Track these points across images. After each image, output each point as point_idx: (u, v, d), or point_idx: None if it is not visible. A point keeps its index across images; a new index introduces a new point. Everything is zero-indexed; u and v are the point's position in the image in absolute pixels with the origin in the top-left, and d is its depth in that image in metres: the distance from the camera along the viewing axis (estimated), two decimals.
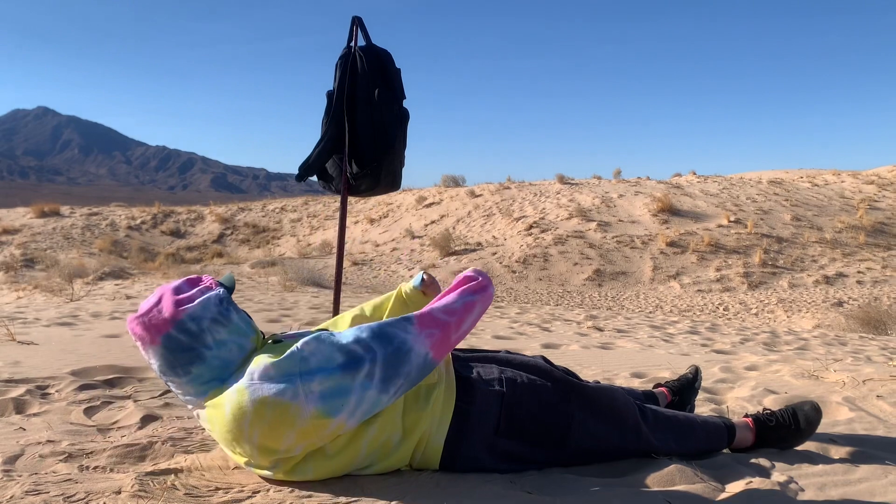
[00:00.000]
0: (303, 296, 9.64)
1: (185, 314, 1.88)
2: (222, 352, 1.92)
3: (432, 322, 1.97)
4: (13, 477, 1.99)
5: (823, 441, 2.63)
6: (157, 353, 1.90)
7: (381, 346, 1.88)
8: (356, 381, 1.84)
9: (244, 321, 1.99)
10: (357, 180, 3.62)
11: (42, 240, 23.66)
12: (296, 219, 28.55)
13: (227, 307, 1.95)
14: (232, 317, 1.95)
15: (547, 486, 2.03)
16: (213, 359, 1.91)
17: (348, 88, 3.55)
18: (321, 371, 1.84)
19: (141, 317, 1.89)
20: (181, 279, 1.99)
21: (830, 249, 18.35)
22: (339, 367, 1.85)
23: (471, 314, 2.06)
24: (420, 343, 1.93)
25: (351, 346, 1.88)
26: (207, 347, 1.90)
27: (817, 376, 4.05)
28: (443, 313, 2.01)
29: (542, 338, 6.37)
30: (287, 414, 1.82)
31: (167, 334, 1.87)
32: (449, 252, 19.23)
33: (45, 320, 6.44)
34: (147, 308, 1.90)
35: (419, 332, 1.94)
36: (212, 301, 1.92)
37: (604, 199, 22.55)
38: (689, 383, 2.95)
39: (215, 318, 1.91)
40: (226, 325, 1.93)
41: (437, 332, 1.96)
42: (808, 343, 7.13)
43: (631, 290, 15.87)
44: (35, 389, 3.22)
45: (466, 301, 2.06)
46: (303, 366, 1.84)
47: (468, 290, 2.09)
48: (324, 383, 1.83)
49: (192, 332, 1.88)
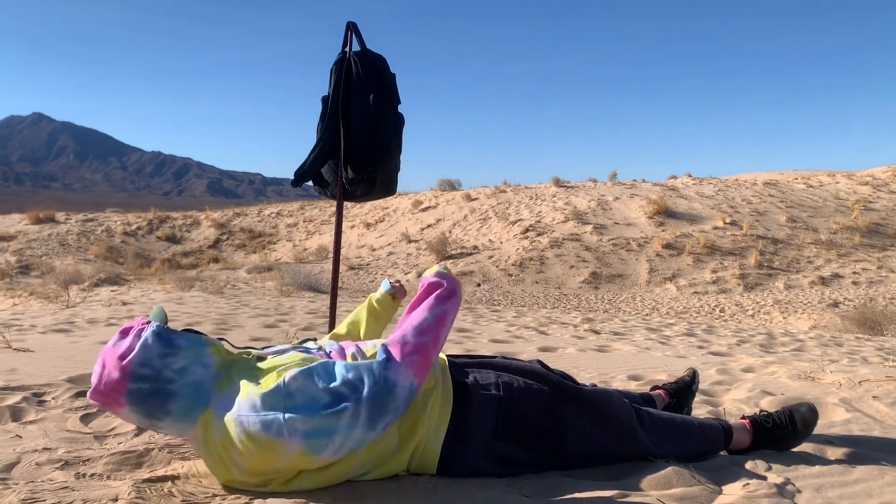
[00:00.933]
0: (299, 301, 9.63)
1: (132, 365, 1.89)
2: (188, 377, 1.93)
3: (410, 349, 1.96)
4: (9, 485, 1.98)
5: (820, 442, 2.64)
6: (130, 412, 1.91)
7: (367, 386, 1.86)
8: (341, 422, 1.84)
9: (191, 340, 1.98)
10: (353, 185, 3.62)
11: (38, 246, 23.59)
12: (292, 224, 28.52)
13: (167, 337, 1.94)
14: (177, 343, 1.95)
15: (544, 489, 2.03)
16: (183, 388, 1.92)
17: (343, 94, 3.55)
18: (306, 409, 1.83)
19: (96, 388, 1.91)
20: (115, 334, 1.99)
21: (826, 250, 18.40)
22: (323, 406, 1.83)
23: (444, 326, 2.06)
24: (403, 375, 1.92)
25: (336, 387, 1.85)
26: (171, 382, 1.91)
27: (814, 378, 4.06)
28: (418, 335, 1.99)
29: (538, 341, 6.37)
30: (272, 449, 1.84)
31: (128, 391, 1.88)
32: (445, 256, 19.23)
33: (41, 327, 6.43)
34: (98, 377, 1.91)
35: (400, 362, 1.92)
36: (150, 339, 1.92)
37: (599, 202, 22.58)
38: (686, 386, 2.95)
39: (161, 353, 1.92)
40: (176, 354, 1.93)
41: (416, 358, 1.95)
42: (804, 344, 7.14)
43: (627, 292, 15.89)
44: (31, 397, 3.21)
45: (437, 314, 2.05)
46: (288, 401, 1.84)
47: (437, 300, 2.08)
48: (308, 423, 1.82)
49: (148, 377, 1.89)
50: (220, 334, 6.09)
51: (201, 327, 6.45)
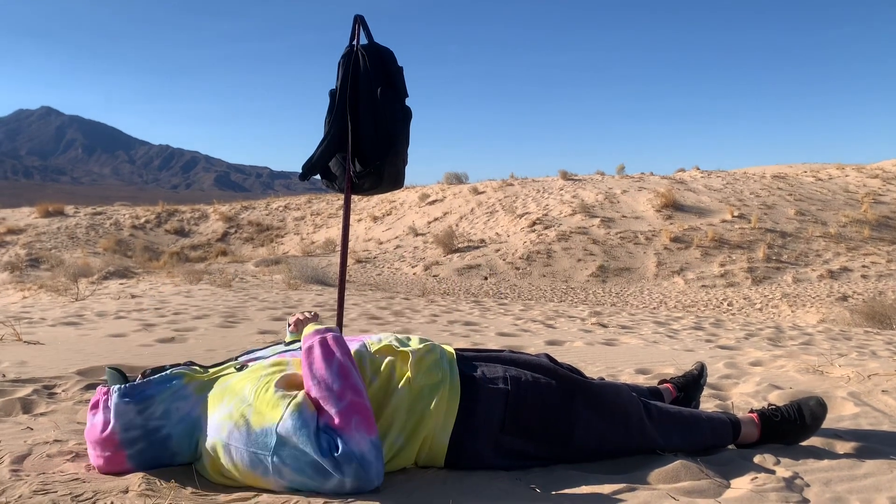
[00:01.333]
0: (307, 294, 9.65)
1: (117, 434, 1.96)
2: (174, 416, 1.99)
3: (348, 414, 1.88)
4: (21, 476, 2.00)
5: (829, 436, 2.63)
6: (140, 469, 1.99)
7: (348, 468, 1.82)
8: (327, 485, 1.84)
9: (159, 382, 2.01)
10: (360, 179, 3.62)
11: (47, 239, 23.72)
12: (299, 217, 28.57)
13: (135, 393, 1.98)
14: (147, 392, 1.99)
15: (552, 482, 2.04)
16: (175, 427, 1.99)
17: (351, 87, 3.55)
18: (294, 461, 1.83)
19: (101, 469, 2.01)
20: (88, 415, 2.04)
21: (835, 244, 18.31)
22: (310, 466, 1.83)
23: (350, 375, 1.97)
24: (362, 439, 1.86)
25: (323, 460, 1.82)
26: (162, 428, 1.98)
27: (822, 371, 4.05)
28: (339, 399, 1.91)
29: (546, 334, 6.37)
30: (259, 482, 1.89)
31: (128, 457, 1.97)
32: (452, 249, 19.23)
33: (51, 320, 6.46)
34: (95, 461, 2.01)
35: (352, 432, 1.86)
36: (120, 404, 1.96)
37: (607, 195, 22.52)
38: (694, 380, 2.95)
39: (138, 409, 1.97)
40: (151, 403, 1.98)
41: (358, 417, 1.89)
42: (812, 338, 7.12)
43: (635, 285, 15.86)
44: (42, 389, 3.24)
45: (336, 370, 1.97)
46: (278, 446, 1.84)
47: (325, 359, 2.00)
48: (294, 475, 1.84)
49: (139, 436, 1.96)
50: (228, 327, 6.11)
51: (209, 320, 6.48)
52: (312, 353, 2.03)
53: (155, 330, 5.79)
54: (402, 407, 2.06)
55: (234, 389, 1.99)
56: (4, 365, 3.77)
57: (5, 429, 2.53)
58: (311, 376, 1.98)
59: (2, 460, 2.14)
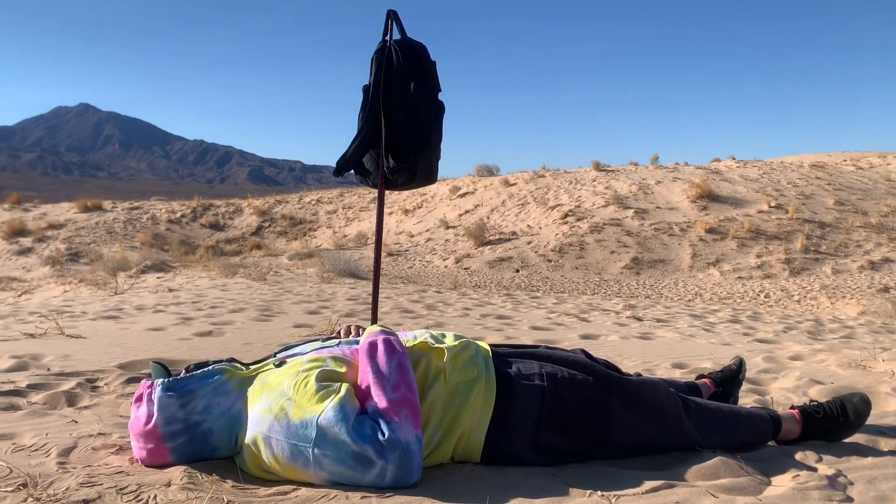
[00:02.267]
0: (340, 287, 9.72)
1: (160, 428, 2.00)
2: (215, 412, 2.02)
3: (398, 406, 1.93)
4: (68, 469, 2.05)
5: (873, 433, 2.58)
6: (182, 462, 2.03)
7: (393, 454, 1.85)
8: (367, 476, 1.87)
9: (201, 377, 2.05)
10: (394, 174, 3.63)
11: (86, 234, 24.21)
12: (331, 210, 28.77)
13: (177, 387, 2.02)
14: (189, 387, 2.02)
15: (589, 478, 2.03)
16: (216, 422, 2.02)
17: (384, 83, 3.56)
18: (335, 451, 1.86)
19: (143, 461, 2.05)
20: (132, 407, 2.08)
21: (876, 234, 17.89)
22: (352, 456, 1.85)
23: (407, 373, 2.03)
24: (409, 431, 1.91)
25: (366, 447, 1.85)
26: (203, 423, 2.01)
27: (865, 366, 3.96)
28: (394, 391, 1.96)
29: (580, 328, 6.33)
30: (299, 475, 1.91)
31: (170, 450, 2.01)
32: (483, 242, 19.20)
33: (92, 314, 6.60)
34: (138, 453, 2.05)
35: (400, 422, 1.90)
36: (163, 398, 2.00)
37: (641, 186, 22.28)
38: (732, 374, 2.91)
39: (180, 403, 2.00)
40: (193, 397, 2.01)
41: (408, 412, 1.94)
42: (853, 331, 6.98)
43: (669, 278, 15.68)
44: (85, 382, 3.32)
45: (395, 366, 2.02)
46: (318, 437, 1.87)
47: (387, 354, 2.05)
48: (334, 466, 1.86)
49: (181, 430, 2.00)
50: (264, 320, 6.18)
51: (246, 314, 6.56)
52: (376, 348, 2.08)
53: (192, 324, 5.88)
54: (438, 403, 2.07)
55: (272, 385, 2.01)
56: (48, 359, 3.87)
57: (51, 421, 2.60)
58: (370, 366, 2.03)
59: (49, 453, 2.19)
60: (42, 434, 2.40)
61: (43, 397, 3.00)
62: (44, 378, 3.35)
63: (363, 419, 1.91)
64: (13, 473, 1.98)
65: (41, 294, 9.52)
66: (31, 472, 1.98)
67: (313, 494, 1.86)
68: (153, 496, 1.84)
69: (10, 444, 2.27)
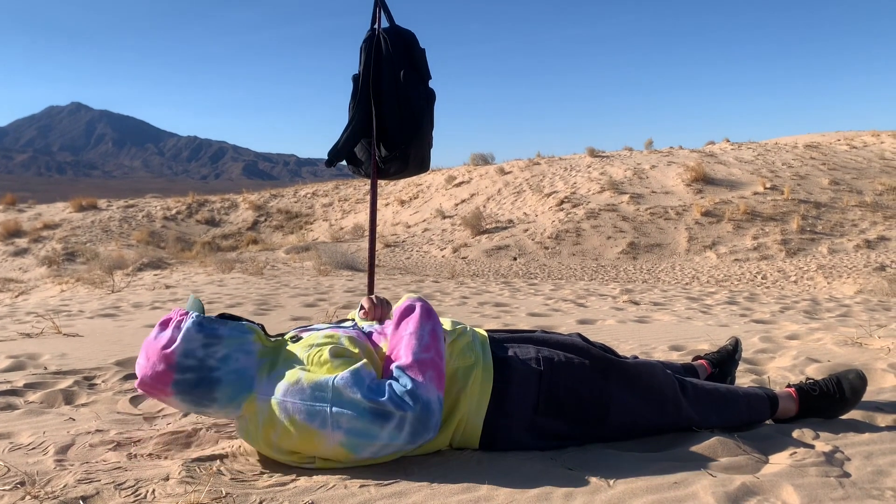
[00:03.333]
0: (337, 279, 9.71)
1: (176, 356, 1.94)
2: (231, 365, 1.98)
3: (425, 367, 1.97)
4: (66, 466, 2.05)
5: (869, 409, 2.59)
6: (177, 400, 1.97)
7: (413, 404, 1.89)
8: (384, 431, 1.87)
9: (234, 328, 2.02)
10: (386, 163, 3.62)
11: (82, 233, 24.14)
12: (327, 203, 28.71)
13: (208, 326, 1.99)
14: (219, 332, 1.99)
15: (588, 461, 2.03)
16: (227, 375, 1.97)
17: (374, 71, 3.54)
18: (353, 408, 1.87)
19: (143, 380, 1.97)
20: (155, 327, 2.03)
21: (871, 213, 17.91)
22: (370, 412, 1.87)
23: (438, 339, 2.07)
24: (433, 391, 1.94)
25: (383, 402, 1.87)
26: (215, 370, 1.97)
27: (861, 343, 3.97)
28: (423, 352, 2.00)
29: (577, 313, 6.34)
30: (313, 439, 1.89)
31: (174, 381, 1.94)
32: (480, 231, 19.19)
33: (89, 312, 6.59)
34: (143, 370, 1.97)
35: (424, 381, 1.94)
36: (192, 330, 1.96)
37: (636, 171, 22.26)
38: (729, 355, 2.91)
39: (204, 342, 1.96)
40: (218, 342, 1.98)
41: (433, 374, 1.97)
42: (850, 309, 6.99)
43: (666, 261, 15.69)
44: (82, 380, 3.31)
45: (429, 330, 2.06)
46: (335, 396, 1.87)
47: (422, 319, 2.08)
48: (352, 422, 1.86)
49: (193, 367, 1.95)
50: (261, 314, 6.18)
51: (242, 308, 6.56)
52: (414, 310, 2.11)
53: None
54: None
55: (287, 356, 2.02)
56: (45, 357, 3.86)
57: (49, 420, 2.60)
58: (405, 326, 2.06)
59: (46, 450, 2.19)
60: (39, 432, 2.40)
61: (40, 396, 2.99)
62: (41, 377, 3.35)
63: (381, 382, 1.93)
64: (11, 472, 1.98)
65: (38, 294, 9.50)
66: (28, 471, 1.98)
67: (312, 484, 1.86)
68: (151, 490, 1.84)
69: (7, 443, 2.27)
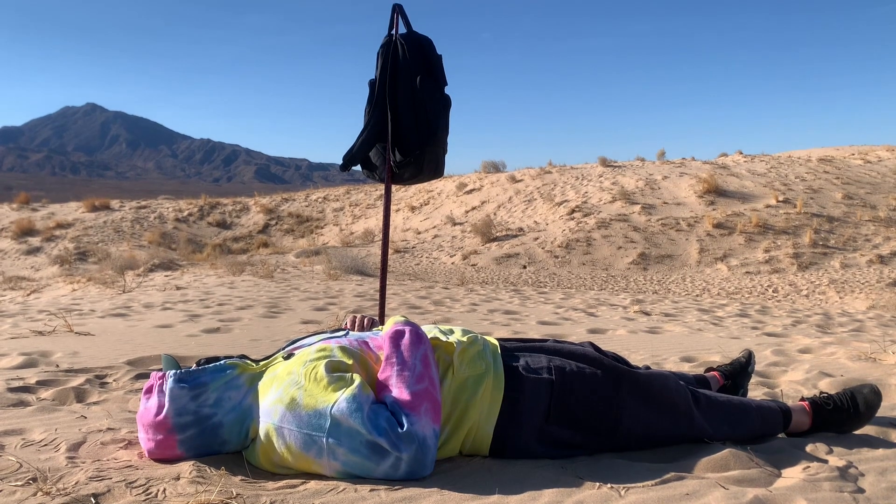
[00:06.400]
0: (347, 284, 9.72)
1: (171, 419, 1.98)
2: (226, 405, 2.01)
3: (419, 399, 1.95)
4: (77, 464, 2.05)
5: (883, 425, 2.57)
6: (192, 455, 2.02)
7: (409, 445, 1.86)
8: (380, 468, 1.87)
9: (214, 371, 2.04)
10: (400, 168, 3.63)
11: (94, 233, 24.28)
12: (338, 208, 28.77)
13: (189, 379, 2.01)
14: (201, 379, 2.02)
15: (598, 471, 2.02)
16: (226, 416, 2.01)
17: (390, 77, 3.55)
18: (349, 441, 1.86)
19: (150, 452, 2.03)
20: (141, 399, 2.07)
21: (885, 228, 17.79)
22: (367, 446, 1.85)
23: (431, 366, 2.05)
24: (427, 426, 1.92)
25: (380, 439, 1.85)
26: (213, 416, 2.00)
27: (875, 358, 3.94)
28: (417, 383, 1.98)
29: (587, 323, 6.32)
30: (311, 466, 1.91)
31: (179, 442, 1.99)
32: (490, 238, 19.18)
33: (100, 311, 6.62)
34: (146, 444, 2.03)
35: (420, 416, 1.92)
36: (175, 389, 1.99)
37: (648, 182, 22.21)
38: (742, 367, 2.90)
39: (192, 395, 1.99)
40: (205, 390, 2.01)
41: (428, 405, 1.95)
42: (863, 324, 6.94)
43: (677, 273, 15.63)
44: (94, 379, 3.33)
45: (420, 357, 2.04)
46: (333, 426, 1.86)
47: (412, 345, 2.06)
48: (348, 456, 1.86)
49: (191, 422, 1.99)
50: (271, 317, 6.19)
51: (253, 311, 6.57)
52: (403, 336, 2.09)
53: (200, 321, 5.89)
54: (447, 398, 2.07)
55: (282, 376, 2.01)
56: (58, 355, 3.88)
57: (60, 417, 2.60)
58: (395, 355, 2.04)
59: (58, 448, 2.20)
60: (51, 429, 2.41)
61: (52, 393, 3.01)
62: (53, 374, 3.36)
63: (378, 409, 1.91)
64: (23, 468, 1.99)
65: (50, 293, 9.56)
66: (40, 467, 1.99)
67: (322, 487, 1.86)
68: (162, 490, 1.84)
69: (19, 440, 2.28)
